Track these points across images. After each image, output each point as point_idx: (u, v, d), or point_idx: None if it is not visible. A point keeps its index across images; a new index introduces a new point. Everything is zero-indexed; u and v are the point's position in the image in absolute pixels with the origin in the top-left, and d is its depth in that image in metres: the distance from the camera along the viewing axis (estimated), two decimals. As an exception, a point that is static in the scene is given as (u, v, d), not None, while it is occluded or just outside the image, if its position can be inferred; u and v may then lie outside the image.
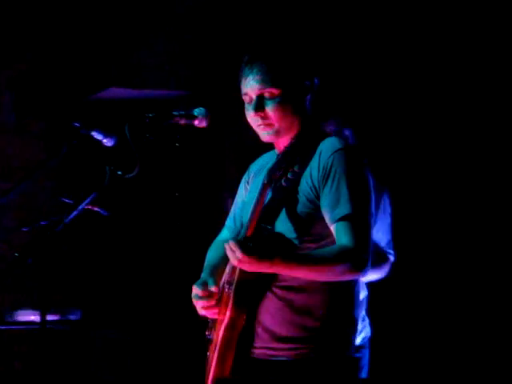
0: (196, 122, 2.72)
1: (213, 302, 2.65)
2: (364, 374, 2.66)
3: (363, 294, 3.31)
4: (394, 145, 4.84)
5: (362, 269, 2.53)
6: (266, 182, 2.62)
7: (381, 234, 3.38)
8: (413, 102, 4.86)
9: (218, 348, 2.58)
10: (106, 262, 5.86)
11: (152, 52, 5.71)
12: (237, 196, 2.91)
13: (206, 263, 2.85)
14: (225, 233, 2.91)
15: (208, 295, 2.66)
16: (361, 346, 3.06)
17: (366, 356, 2.69)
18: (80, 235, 5.53)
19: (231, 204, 2.92)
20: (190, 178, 5.91)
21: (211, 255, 2.86)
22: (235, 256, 2.47)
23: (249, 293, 2.58)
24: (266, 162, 2.81)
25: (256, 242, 2.49)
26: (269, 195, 2.65)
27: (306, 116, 2.69)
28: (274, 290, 2.60)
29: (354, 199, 2.54)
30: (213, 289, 2.66)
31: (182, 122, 2.70)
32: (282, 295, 2.59)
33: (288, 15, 5.39)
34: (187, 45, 5.72)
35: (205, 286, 2.68)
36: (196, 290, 2.68)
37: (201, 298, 2.67)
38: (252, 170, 2.88)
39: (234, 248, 2.47)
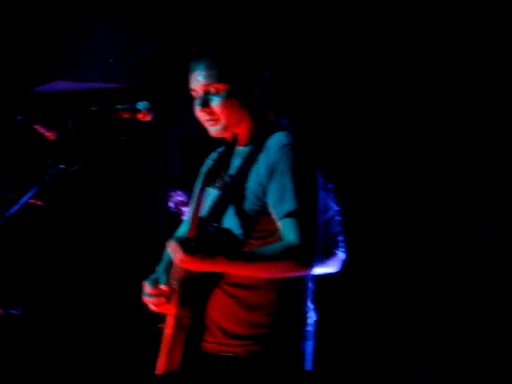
0: (140, 116, 2.71)
1: (163, 300, 2.63)
2: (308, 366, 2.67)
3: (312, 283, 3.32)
4: (339, 140, 4.88)
5: (308, 265, 2.52)
6: (201, 186, 2.62)
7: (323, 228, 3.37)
8: (356, 98, 4.90)
9: (166, 343, 2.58)
10: (48, 256, 5.80)
11: (96, 45, 5.67)
12: (195, 188, 2.90)
13: (163, 256, 2.83)
14: (185, 225, 2.88)
15: (158, 294, 2.64)
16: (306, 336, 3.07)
17: (309, 347, 2.69)
18: (22, 229, 5.47)
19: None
20: (134, 171, 5.88)
21: None
22: (177, 256, 2.47)
23: (195, 291, 2.57)
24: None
25: (199, 241, 2.48)
26: (216, 192, 2.65)
27: (256, 110, 2.69)
28: (223, 287, 2.59)
29: (300, 195, 2.52)
30: (163, 287, 2.64)
31: (126, 115, 2.68)
32: (231, 292, 2.59)
33: (234, 9, 5.39)
34: (132, 38, 5.70)
35: (155, 283, 2.66)
36: (146, 288, 2.67)
37: (151, 295, 2.65)
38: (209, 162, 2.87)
39: (176, 248, 2.46)
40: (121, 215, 5.83)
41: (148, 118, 2.72)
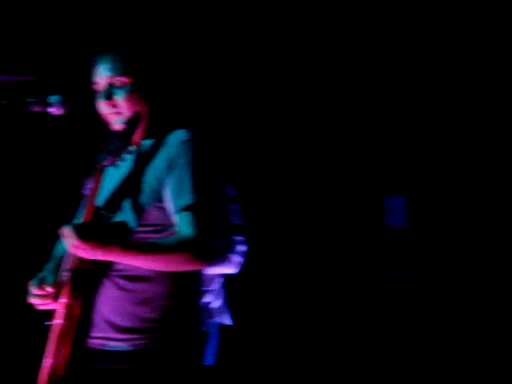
0: (51, 110, 2.70)
1: (48, 302, 2.61)
2: (210, 361, 2.68)
3: (216, 283, 3.33)
4: (241, 141, 4.90)
5: (202, 259, 2.54)
6: (96, 168, 2.64)
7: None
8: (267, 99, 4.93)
9: (55, 336, 2.53)
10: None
11: (7, 38, 5.60)
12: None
13: (53, 253, 2.82)
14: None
15: (43, 295, 2.62)
16: (205, 334, 3.07)
17: (212, 343, 2.70)
18: None
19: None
20: (49, 166, 5.82)
21: (62, 245, 2.78)
22: (70, 242, 2.45)
23: (86, 280, 2.54)
24: None
25: (93, 227, 2.47)
26: (115, 183, 2.66)
27: (158, 107, 2.71)
28: (115, 278, 2.59)
29: (198, 190, 2.56)
30: (49, 289, 2.62)
31: (37, 109, 2.67)
32: (122, 284, 2.59)
33: (145, 8, 5.38)
34: (46, 30, 5.64)
35: (42, 283, 2.64)
36: (32, 289, 2.65)
37: (36, 296, 2.63)
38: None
39: (69, 234, 2.44)
40: (35, 210, 5.77)
41: (60, 111, 2.71)
